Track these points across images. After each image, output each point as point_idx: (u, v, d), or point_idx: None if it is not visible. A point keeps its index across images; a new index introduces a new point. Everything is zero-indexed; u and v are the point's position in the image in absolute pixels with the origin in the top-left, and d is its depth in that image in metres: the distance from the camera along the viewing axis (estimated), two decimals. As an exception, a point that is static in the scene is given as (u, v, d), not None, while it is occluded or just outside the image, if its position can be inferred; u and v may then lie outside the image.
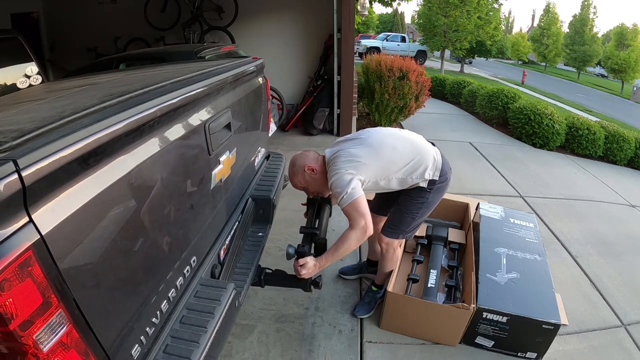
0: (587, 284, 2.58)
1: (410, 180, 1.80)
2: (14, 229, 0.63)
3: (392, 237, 1.96)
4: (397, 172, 1.77)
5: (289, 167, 1.84)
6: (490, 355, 1.95)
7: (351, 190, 1.61)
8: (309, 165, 1.78)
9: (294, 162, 1.82)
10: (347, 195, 1.61)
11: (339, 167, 1.68)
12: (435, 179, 1.82)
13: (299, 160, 1.81)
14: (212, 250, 1.44)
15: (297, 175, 1.81)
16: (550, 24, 27.90)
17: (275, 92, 4.96)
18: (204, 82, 1.32)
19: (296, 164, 1.80)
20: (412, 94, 5.11)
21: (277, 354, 1.89)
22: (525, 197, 3.78)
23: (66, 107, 1.00)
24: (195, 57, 3.41)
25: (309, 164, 1.79)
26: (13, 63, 3.22)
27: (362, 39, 21.86)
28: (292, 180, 1.84)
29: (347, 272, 2.43)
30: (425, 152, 1.82)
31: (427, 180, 1.80)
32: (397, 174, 1.77)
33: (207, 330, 1.14)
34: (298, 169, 1.80)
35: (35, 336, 0.68)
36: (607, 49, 24.23)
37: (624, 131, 5.72)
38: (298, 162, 1.80)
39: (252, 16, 5.33)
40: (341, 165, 1.69)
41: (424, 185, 1.82)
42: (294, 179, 1.83)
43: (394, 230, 1.94)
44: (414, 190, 1.84)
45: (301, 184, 1.83)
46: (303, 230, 1.76)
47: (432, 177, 1.81)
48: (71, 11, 5.48)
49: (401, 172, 1.77)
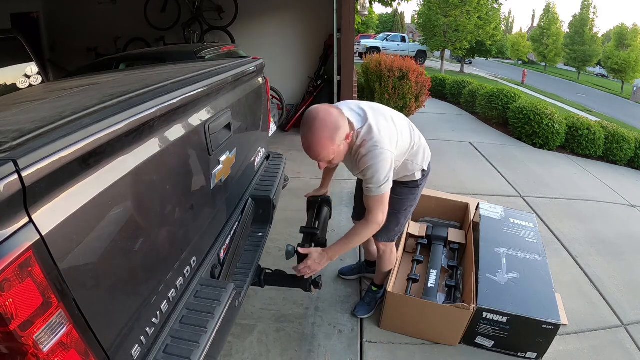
0: (587, 284, 2.58)
1: (410, 166, 1.71)
2: (14, 229, 0.64)
3: (388, 240, 1.95)
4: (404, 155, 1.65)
5: (312, 137, 1.37)
6: (490, 355, 1.95)
7: (387, 182, 1.45)
8: (348, 134, 1.42)
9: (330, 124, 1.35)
10: (383, 187, 1.44)
11: (384, 147, 1.43)
12: (425, 169, 1.79)
13: (338, 122, 1.37)
14: (212, 250, 1.44)
15: (330, 148, 1.38)
16: (550, 24, 27.90)
17: (275, 92, 4.96)
18: (204, 83, 1.32)
19: (336, 127, 1.36)
20: (412, 94, 5.11)
21: (277, 354, 1.89)
22: (525, 197, 3.78)
23: (66, 108, 1.00)
24: (195, 57, 3.41)
25: (348, 132, 1.42)
26: (13, 63, 3.22)
27: (362, 39, 21.86)
28: (320, 154, 1.39)
29: (346, 273, 2.42)
30: (419, 136, 1.73)
31: (422, 169, 1.75)
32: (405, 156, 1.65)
33: (207, 331, 1.14)
34: (334, 140, 1.37)
35: (35, 336, 0.68)
36: (607, 49, 24.21)
37: (624, 131, 5.72)
38: (335, 132, 1.36)
39: (252, 16, 5.33)
40: (387, 144, 1.44)
41: (419, 176, 1.77)
42: (323, 153, 1.39)
43: (388, 233, 1.89)
44: (404, 187, 1.79)
45: (329, 157, 1.42)
46: (303, 230, 1.76)
47: (426, 168, 1.77)
48: (71, 11, 5.48)
49: (407, 154, 1.66)
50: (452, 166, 4.43)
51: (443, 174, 4.12)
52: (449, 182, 3.88)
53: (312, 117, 1.38)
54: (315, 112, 1.39)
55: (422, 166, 1.75)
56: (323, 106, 1.41)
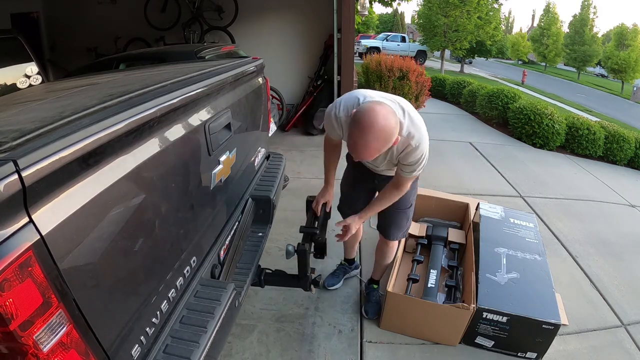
0: (587, 284, 2.58)
1: None
2: (14, 229, 0.64)
3: (402, 237, 2.02)
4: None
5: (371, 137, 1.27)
6: (490, 355, 1.95)
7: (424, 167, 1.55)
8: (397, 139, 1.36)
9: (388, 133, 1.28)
10: (420, 171, 1.56)
11: (426, 137, 1.48)
12: None
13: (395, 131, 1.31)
14: (212, 250, 1.44)
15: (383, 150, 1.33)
16: (550, 24, 27.91)
17: (275, 92, 4.96)
18: (204, 83, 1.32)
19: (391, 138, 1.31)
20: (412, 94, 5.12)
21: (277, 354, 1.89)
22: (525, 197, 3.78)
23: (66, 108, 1.00)
24: (195, 57, 3.41)
25: (397, 136, 1.35)
26: (13, 63, 3.21)
27: (362, 39, 21.84)
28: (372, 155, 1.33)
29: (334, 283, 2.33)
30: None
31: None
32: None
33: (207, 330, 1.14)
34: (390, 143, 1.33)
35: (35, 336, 0.68)
36: (607, 49, 24.22)
37: (624, 131, 5.72)
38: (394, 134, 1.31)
39: (252, 16, 5.33)
40: (426, 134, 1.48)
41: None
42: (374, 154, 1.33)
43: (401, 230, 1.97)
44: None
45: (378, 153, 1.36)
46: (303, 230, 1.76)
47: None
48: (71, 11, 5.48)
49: None
50: (452, 166, 4.42)
51: (443, 174, 4.12)
52: (449, 182, 3.88)
53: (369, 122, 1.26)
54: (373, 116, 1.26)
55: None
56: (382, 110, 1.28)
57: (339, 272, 2.37)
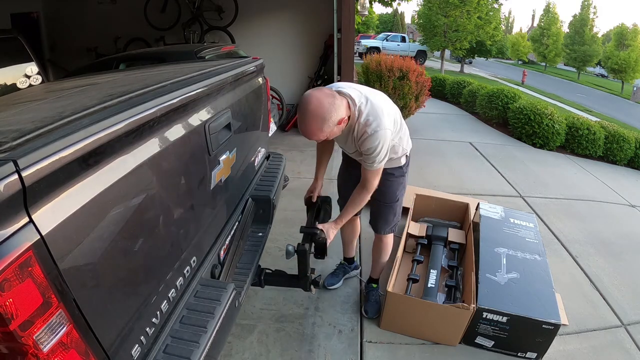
0: (587, 284, 2.58)
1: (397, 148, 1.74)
2: (14, 229, 0.63)
3: (390, 231, 2.01)
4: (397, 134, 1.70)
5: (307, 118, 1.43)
6: (490, 355, 1.95)
7: (386, 158, 1.57)
8: (341, 119, 1.48)
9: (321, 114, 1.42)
10: (382, 162, 1.58)
11: (385, 125, 1.52)
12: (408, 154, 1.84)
13: (329, 113, 1.43)
14: (212, 250, 1.44)
15: (324, 129, 1.45)
16: (550, 24, 27.92)
17: (275, 92, 4.97)
18: (204, 83, 1.32)
19: (326, 118, 1.43)
20: (412, 94, 5.11)
21: (277, 354, 1.89)
22: (525, 197, 3.78)
23: (66, 108, 1.00)
24: (195, 57, 3.41)
25: (342, 117, 1.48)
26: (13, 63, 3.22)
27: (362, 39, 21.86)
28: (314, 134, 1.47)
29: (334, 283, 2.34)
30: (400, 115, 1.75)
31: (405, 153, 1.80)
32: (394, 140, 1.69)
33: (207, 330, 1.14)
34: (328, 123, 1.44)
35: (35, 336, 0.68)
36: (607, 49, 24.22)
37: (624, 131, 5.72)
38: (328, 115, 1.43)
39: (252, 16, 5.33)
40: (387, 123, 1.53)
41: (404, 161, 1.82)
42: (317, 134, 1.47)
43: (388, 225, 1.98)
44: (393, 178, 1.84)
45: (324, 137, 1.50)
46: (303, 230, 1.76)
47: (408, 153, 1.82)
48: (71, 11, 5.48)
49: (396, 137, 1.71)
50: (452, 166, 4.43)
51: (443, 174, 4.12)
52: (449, 182, 3.88)
53: (303, 105, 1.44)
54: (308, 99, 1.43)
55: (406, 150, 1.81)
56: (316, 94, 1.44)
57: (338, 271, 2.37)
